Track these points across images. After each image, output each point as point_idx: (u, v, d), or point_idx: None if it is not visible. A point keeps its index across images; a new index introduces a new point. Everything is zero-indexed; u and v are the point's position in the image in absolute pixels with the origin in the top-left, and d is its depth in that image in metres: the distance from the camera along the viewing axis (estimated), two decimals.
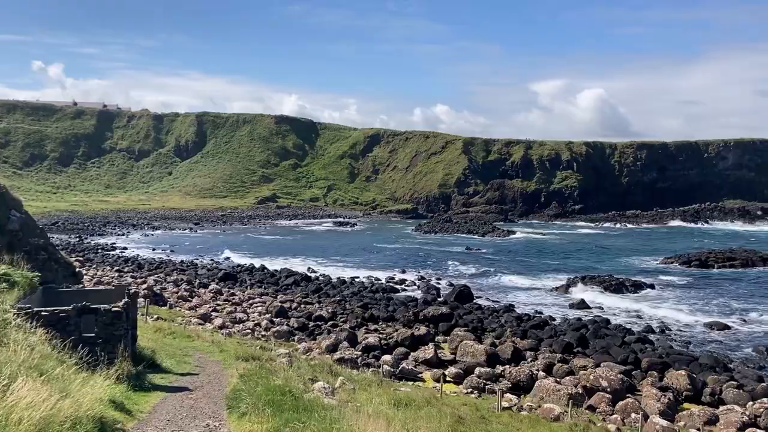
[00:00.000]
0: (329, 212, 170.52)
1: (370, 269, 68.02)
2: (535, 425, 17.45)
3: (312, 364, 22.68)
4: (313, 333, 37.78)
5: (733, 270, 69.65)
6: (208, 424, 12.41)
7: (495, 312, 45.20)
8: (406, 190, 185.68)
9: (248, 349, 22.35)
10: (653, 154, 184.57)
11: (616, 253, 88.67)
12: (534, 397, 25.55)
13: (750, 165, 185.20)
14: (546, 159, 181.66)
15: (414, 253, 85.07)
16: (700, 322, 43.64)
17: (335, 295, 50.24)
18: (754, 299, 52.00)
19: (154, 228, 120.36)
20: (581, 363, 31.08)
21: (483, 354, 31.49)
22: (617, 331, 38.91)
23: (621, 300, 52.29)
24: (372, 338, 34.97)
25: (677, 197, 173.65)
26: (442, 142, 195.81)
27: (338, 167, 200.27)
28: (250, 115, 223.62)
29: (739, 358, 34.26)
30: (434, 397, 18.96)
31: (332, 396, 15.50)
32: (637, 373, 30.01)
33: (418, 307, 44.92)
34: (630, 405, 24.72)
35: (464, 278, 62.23)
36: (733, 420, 23.63)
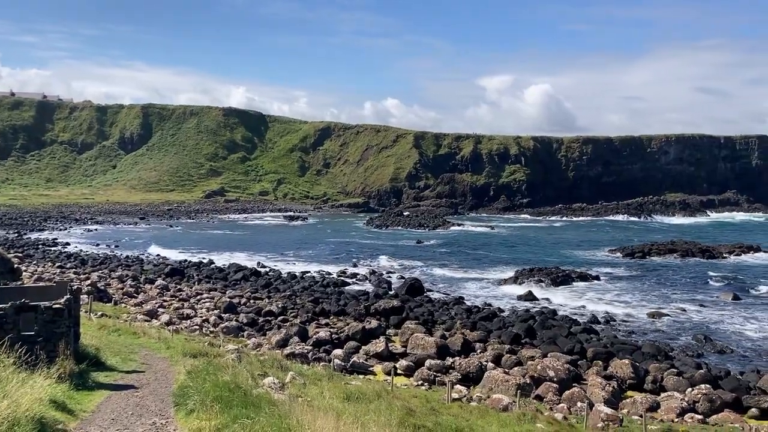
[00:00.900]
0: (279, 206, 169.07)
1: (321, 263, 67.76)
2: (484, 416, 17.67)
3: (262, 359, 22.45)
4: (263, 328, 37.42)
5: (673, 261, 71.97)
6: (154, 422, 12.14)
7: (445, 305, 45.59)
8: (358, 184, 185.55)
9: (196, 346, 21.97)
10: (598, 148, 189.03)
11: (563, 245, 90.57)
12: (483, 388, 25.90)
13: (690, 160, 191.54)
14: (495, 153, 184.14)
15: (365, 247, 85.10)
16: (643, 312, 44.96)
17: (285, 289, 49.85)
18: (693, 289, 53.85)
19: (97, 223, 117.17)
20: (529, 354, 31.64)
21: (433, 346, 31.73)
22: (564, 322, 39.74)
23: (568, 291, 53.46)
24: (323, 333, 34.85)
25: (621, 191, 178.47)
26: (393, 136, 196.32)
27: (288, 161, 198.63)
28: (198, 107, 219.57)
29: (680, 346, 35.43)
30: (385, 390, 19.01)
31: (282, 391, 15.37)
32: (582, 363, 30.71)
33: (369, 300, 44.96)
34: (576, 394, 25.28)
35: (415, 271, 62.59)
36: (673, 406, 24.44)
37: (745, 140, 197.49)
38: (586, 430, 18.30)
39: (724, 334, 38.59)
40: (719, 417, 23.89)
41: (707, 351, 34.64)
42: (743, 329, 39.96)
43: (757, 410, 24.87)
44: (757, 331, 39.41)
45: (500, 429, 15.45)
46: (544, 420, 17.39)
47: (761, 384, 26.96)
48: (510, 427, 15.88)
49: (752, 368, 30.39)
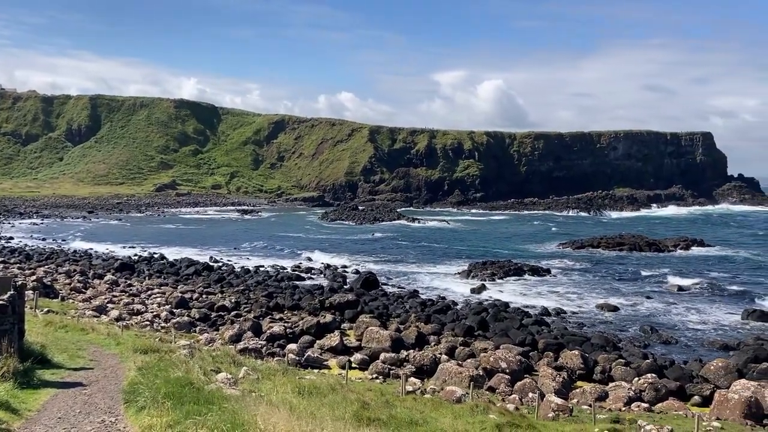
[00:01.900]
0: (232, 200, 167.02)
1: (276, 258, 67.27)
2: (437, 408, 17.83)
3: (214, 355, 22.15)
4: (216, 323, 36.99)
5: (621, 254, 73.83)
6: (103, 420, 11.86)
7: (400, 298, 45.82)
8: (312, 178, 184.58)
9: (147, 342, 21.55)
10: (550, 144, 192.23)
11: (515, 239, 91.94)
12: (437, 380, 26.13)
13: (638, 155, 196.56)
14: (449, 148, 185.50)
15: (320, 241, 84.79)
16: (592, 304, 46.04)
17: (239, 284, 49.32)
18: (640, 282, 55.34)
19: (43, 217, 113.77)
20: (482, 346, 32.06)
21: (388, 340, 31.86)
22: (516, 315, 40.40)
23: (520, 284, 54.32)
24: (277, 327, 34.63)
25: (572, 186, 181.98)
26: (348, 130, 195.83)
27: (242, 154, 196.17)
28: (148, 99, 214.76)
29: (627, 337, 36.40)
30: (339, 384, 19.00)
31: (235, 386, 15.22)
32: (534, 354, 31.29)
33: (324, 295, 44.85)
34: (528, 385, 25.74)
35: (370, 265, 62.67)
36: (621, 395, 25.11)
37: (690, 137, 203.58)
38: (537, 420, 18.64)
39: (670, 325, 39.81)
40: (664, 405, 24.64)
41: (653, 341, 35.68)
42: (687, 320, 41.30)
43: (699, 398, 25.76)
44: (700, 322, 40.79)
45: (454, 421, 15.61)
46: (496, 411, 17.65)
47: (703, 373, 27.92)
48: (463, 419, 16.06)
49: (695, 357, 31.46)
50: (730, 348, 33.79)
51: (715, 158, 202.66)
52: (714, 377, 27.29)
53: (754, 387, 24.01)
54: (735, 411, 22.29)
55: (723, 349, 33.80)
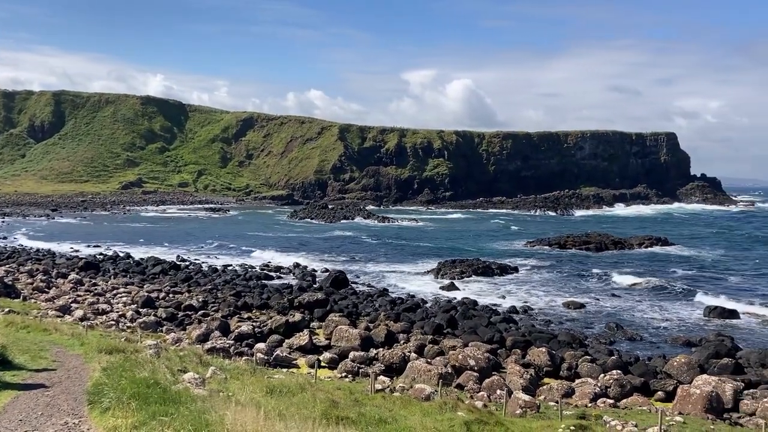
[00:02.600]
0: (200, 198, 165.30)
1: (244, 257, 66.74)
2: (406, 406, 17.86)
3: (181, 354, 21.88)
4: (183, 323, 36.56)
5: (587, 252, 74.86)
6: (66, 422, 11.63)
7: (370, 297, 45.84)
8: (282, 176, 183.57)
9: (112, 342, 21.18)
10: (518, 144, 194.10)
11: (484, 238, 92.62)
12: (406, 378, 26.18)
13: (603, 155, 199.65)
14: (419, 147, 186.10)
15: (289, 240, 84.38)
16: (559, 301, 46.61)
17: (206, 283, 48.83)
18: (606, 279, 56.17)
19: (4, 215, 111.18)
20: (451, 343, 32.23)
21: (357, 338, 31.84)
22: (484, 312, 40.70)
23: (488, 282, 54.74)
24: (245, 326, 34.36)
25: (540, 185, 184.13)
26: (318, 128, 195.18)
27: (209, 151, 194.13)
28: (114, 95, 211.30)
29: (593, 334, 36.93)
30: (308, 383, 18.92)
31: (203, 386, 15.05)
32: (502, 352, 31.55)
33: (293, 293, 44.66)
34: (496, 382, 25.94)
35: (339, 264, 62.55)
36: (587, 392, 25.46)
37: (654, 137, 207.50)
38: (505, 417, 18.81)
39: (634, 322, 40.48)
40: (629, 401, 25.07)
41: (619, 338, 36.25)
42: (651, 317, 42.05)
43: (663, 393, 26.25)
44: (663, 319, 41.57)
45: (422, 418, 15.65)
46: (465, 408, 17.74)
47: (667, 368, 28.46)
48: (432, 416, 16.11)
49: (659, 354, 32.04)
50: (692, 344, 34.51)
51: (678, 158, 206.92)
52: (677, 373, 27.84)
53: (715, 382, 24.56)
54: (697, 405, 22.77)
55: (686, 346, 34.51)
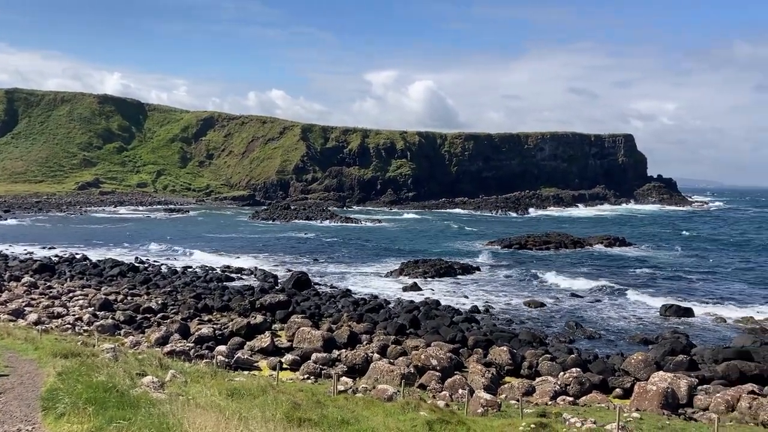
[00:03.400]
0: (159, 199, 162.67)
1: (204, 258, 65.87)
2: (369, 406, 17.85)
3: (140, 358, 21.50)
4: (142, 326, 35.91)
5: (547, 252, 75.93)
6: (19, 429, 11.31)
7: (332, 298, 45.70)
8: (243, 176, 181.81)
9: (68, 346, 20.69)
10: (479, 145, 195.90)
11: (446, 238, 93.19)
12: (369, 379, 26.18)
13: (563, 156, 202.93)
14: (382, 147, 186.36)
15: (251, 241, 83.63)
16: (520, 301, 47.16)
17: (166, 285, 48.05)
18: (566, 278, 57.00)
19: None
20: (413, 343, 32.31)
21: (320, 339, 31.71)
22: (446, 312, 40.93)
23: (450, 282, 55.10)
24: (205, 329, 33.91)
25: (501, 185, 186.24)
26: (280, 128, 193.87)
27: (169, 151, 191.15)
28: (70, 94, 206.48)
29: (553, 333, 37.46)
30: (270, 385, 18.75)
31: (162, 390, 14.80)
32: (464, 351, 31.77)
33: (254, 295, 44.25)
34: (458, 381, 26.11)
35: (302, 265, 62.22)
36: (547, 390, 25.81)
37: (612, 139, 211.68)
38: (467, 417, 18.93)
39: (593, 320, 41.20)
40: (588, 398, 25.48)
41: (578, 337, 36.85)
42: (610, 316, 42.86)
43: (620, 390, 26.76)
44: (621, 318, 42.41)
45: (385, 419, 15.66)
46: (427, 408, 17.81)
47: (624, 366, 29.03)
48: (394, 417, 16.13)
49: (617, 352, 32.65)
50: (649, 342, 35.28)
51: (636, 159, 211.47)
52: (634, 370, 28.42)
53: (671, 378, 25.15)
54: (653, 402, 23.27)
55: (643, 343, 35.24)
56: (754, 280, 57.11)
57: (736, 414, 22.58)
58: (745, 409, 22.71)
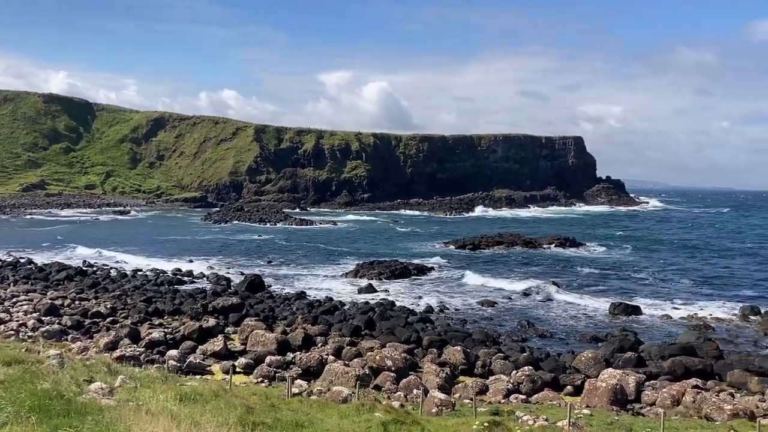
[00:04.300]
0: (108, 200, 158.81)
1: (155, 261, 64.56)
2: (324, 409, 17.77)
3: (88, 364, 20.90)
4: (90, 331, 35.00)
5: (500, 252, 76.94)
6: None
7: (287, 300, 45.38)
8: (194, 178, 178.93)
9: (10, 353, 19.95)
10: (434, 146, 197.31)
11: (401, 239, 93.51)
12: (324, 381, 26.07)
13: (515, 158, 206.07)
14: (337, 149, 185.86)
15: (203, 243, 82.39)
16: (474, 300, 47.66)
17: (115, 289, 46.94)
18: (518, 278, 57.84)
19: None
20: (368, 345, 32.35)
21: (274, 342, 31.46)
22: (401, 313, 41.08)
23: (406, 283, 55.30)
24: (156, 333, 33.27)
25: (455, 187, 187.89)
26: (233, 129, 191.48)
27: (118, 152, 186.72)
28: (13, 93, 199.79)
29: (506, 332, 37.97)
30: (223, 390, 18.48)
31: (111, 396, 14.43)
32: (419, 351, 31.94)
33: (206, 298, 43.62)
34: (412, 381, 26.23)
35: (255, 267, 61.58)
36: (500, 388, 26.15)
37: (562, 141, 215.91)
38: (421, 417, 19.02)
39: (545, 319, 41.92)
40: (540, 396, 25.92)
41: (530, 335, 37.45)
42: (561, 314, 43.67)
43: (571, 387, 27.30)
44: (572, 316, 43.27)
45: (340, 420, 15.62)
46: (382, 409, 17.83)
47: (575, 363, 29.64)
48: (349, 418, 16.10)
49: (568, 350, 33.32)
50: (599, 340, 36.07)
51: (585, 161, 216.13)
52: (584, 367, 29.04)
53: (620, 375, 25.78)
54: (603, 398, 23.80)
55: (593, 341, 36.02)
56: (697, 278, 58.98)
57: (681, 408, 23.29)
58: (690, 403, 23.44)
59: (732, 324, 41.26)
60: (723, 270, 64.70)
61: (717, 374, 29.14)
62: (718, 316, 43.27)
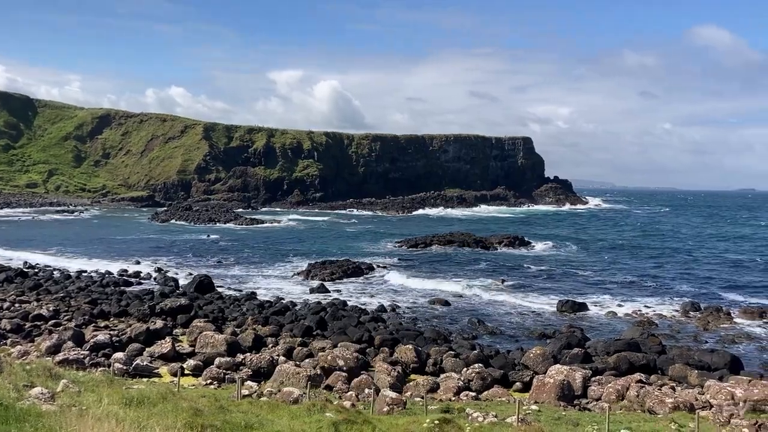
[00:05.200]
0: (51, 200, 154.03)
1: (101, 262, 62.92)
2: (274, 410, 17.61)
3: (28, 368, 20.23)
4: (31, 334, 33.87)
5: (451, 251, 77.65)
6: None
7: (237, 301, 44.82)
8: (141, 176, 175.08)
9: None
10: (386, 146, 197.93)
11: (354, 238, 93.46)
12: (274, 382, 25.84)
13: (466, 158, 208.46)
14: (288, 147, 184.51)
15: (150, 244, 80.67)
16: (425, 299, 47.96)
17: (58, 291, 45.55)
18: (469, 277, 58.48)
19: None
20: (320, 345, 32.22)
21: (223, 344, 31.02)
22: (353, 312, 41.05)
23: (358, 283, 55.29)
24: (102, 336, 32.41)
25: (407, 186, 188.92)
26: (181, 127, 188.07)
27: (61, 150, 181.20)
28: None
29: (457, 329, 38.35)
30: (171, 392, 18.14)
31: (52, 402, 14.00)
32: (371, 351, 31.97)
33: (154, 300, 42.76)
34: (364, 381, 26.24)
35: (204, 268, 60.61)
36: (451, 386, 26.39)
37: (512, 141, 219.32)
38: (373, 416, 19.04)
39: (495, 317, 42.49)
40: (490, 392, 26.26)
41: (480, 333, 37.90)
42: (511, 312, 44.35)
43: (520, 384, 27.73)
44: (521, 314, 43.98)
45: (290, 421, 15.51)
46: (333, 409, 17.78)
47: (524, 360, 30.12)
48: (300, 419, 16.00)
49: (517, 347, 33.84)
50: (547, 336, 36.77)
51: (534, 162, 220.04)
52: (533, 364, 29.54)
53: (567, 371, 26.32)
54: (550, 394, 24.27)
55: (541, 338, 36.70)
56: (640, 275, 60.68)
57: (626, 402, 23.92)
58: (633, 397, 24.10)
59: (674, 320, 42.62)
60: (664, 268, 66.76)
61: (659, 369, 30.04)
62: (661, 312, 44.63)
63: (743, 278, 60.21)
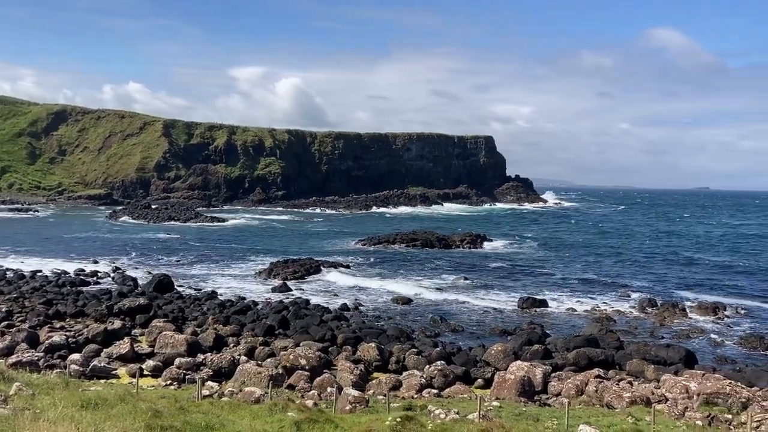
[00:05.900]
0: (4, 198, 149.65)
1: (56, 261, 61.42)
2: (236, 410, 17.45)
3: None
4: None
5: (414, 249, 77.96)
6: None
7: (197, 300, 44.26)
8: (99, 174, 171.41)
9: None
10: (349, 144, 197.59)
11: (316, 237, 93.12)
12: (235, 382, 25.60)
13: (429, 157, 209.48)
14: (250, 145, 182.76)
15: (108, 243, 79.09)
16: (389, 297, 48.07)
17: (11, 291, 44.33)
18: (431, 275, 58.83)
19: None
20: (282, 344, 32.01)
21: (183, 344, 30.60)
22: (316, 311, 40.92)
23: (321, 281, 55.12)
24: (57, 337, 31.65)
25: (370, 184, 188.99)
26: (140, 123, 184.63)
27: (15, 147, 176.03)
28: None
29: (420, 327, 38.51)
30: (129, 394, 17.81)
31: (4, 405, 13.62)
32: (333, 349, 31.89)
33: (112, 299, 41.97)
34: (326, 380, 26.18)
35: (164, 267, 59.69)
36: (413, 383, 26.49)
37: (474, 140, 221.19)
38: (335, 415, 19.00)
39: (457, 314, 42.82)
40: (452, 389, 26.44)
41: (443, 330, 38.15)
42: (472, 309, 44.74)
43: (482, 380, 28.01)
44: (483, 311, 44.40)
45: (252, 421, 15.38)
46: (295, 408, 17.68)
47: (486, 357, 30.43)
48: (261, 419, 15.88)
49: (479, 344, 34.16)
50: (508, 333, 37.21)
51: (496, 160, 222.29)
52: (494, 360, 29.85)
53: (527, 367, 26.65)
54: (511, 390, 24.56)
55: (502, 335, 37.12)
56: (599, 272, 61.86)
57: (585, 397, 24.35)
58: (592, 392, 24.54)
59: (631, 316, 43.55)
60: (622, 264, 68.15)
61: (617, 364, 30.66)
62: (619, 308, 45.54)
63: (697, 275, 61.84)
